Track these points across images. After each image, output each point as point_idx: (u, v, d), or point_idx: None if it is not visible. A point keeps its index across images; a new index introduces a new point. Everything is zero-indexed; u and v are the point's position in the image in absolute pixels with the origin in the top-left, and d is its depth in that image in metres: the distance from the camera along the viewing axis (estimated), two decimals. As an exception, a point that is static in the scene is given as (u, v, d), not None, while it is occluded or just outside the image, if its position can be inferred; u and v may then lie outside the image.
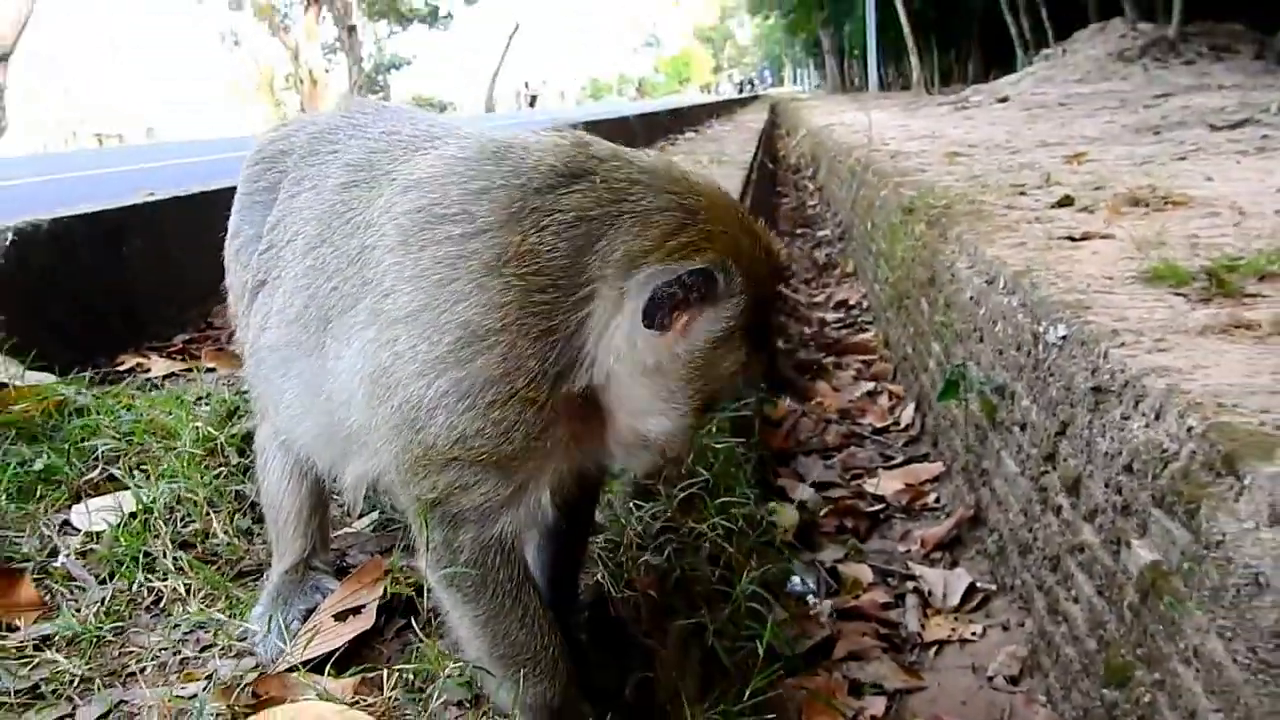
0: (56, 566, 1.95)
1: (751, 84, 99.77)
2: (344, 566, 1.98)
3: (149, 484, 2.16)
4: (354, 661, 1.63)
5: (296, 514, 1.86)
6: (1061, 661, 3.16)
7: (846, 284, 9.42)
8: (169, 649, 1.70)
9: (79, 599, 1.86)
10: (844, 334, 7.71)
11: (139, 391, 2.91)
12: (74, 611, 1.79)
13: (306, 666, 1.58)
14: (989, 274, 4.72)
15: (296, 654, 1.61)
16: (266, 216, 1.75)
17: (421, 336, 1.36)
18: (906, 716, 3.20)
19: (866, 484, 4.85)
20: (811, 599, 3.79)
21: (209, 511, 2.08)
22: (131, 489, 2.16)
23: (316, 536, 1.90)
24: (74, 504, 2.20)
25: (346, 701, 1.50)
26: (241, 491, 2.14)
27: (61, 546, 2.03)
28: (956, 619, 3.65)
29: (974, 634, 3.54)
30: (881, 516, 4.59)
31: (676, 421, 1.43)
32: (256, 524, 2.04)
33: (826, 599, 3.76)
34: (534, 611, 1.47)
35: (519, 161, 1.42)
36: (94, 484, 2.31)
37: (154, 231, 3.97)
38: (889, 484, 4.81)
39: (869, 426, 5.69)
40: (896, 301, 6.97)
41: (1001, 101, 17.68)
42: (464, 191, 1.41)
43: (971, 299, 4.90)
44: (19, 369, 2.85)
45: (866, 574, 4.01)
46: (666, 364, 1.38)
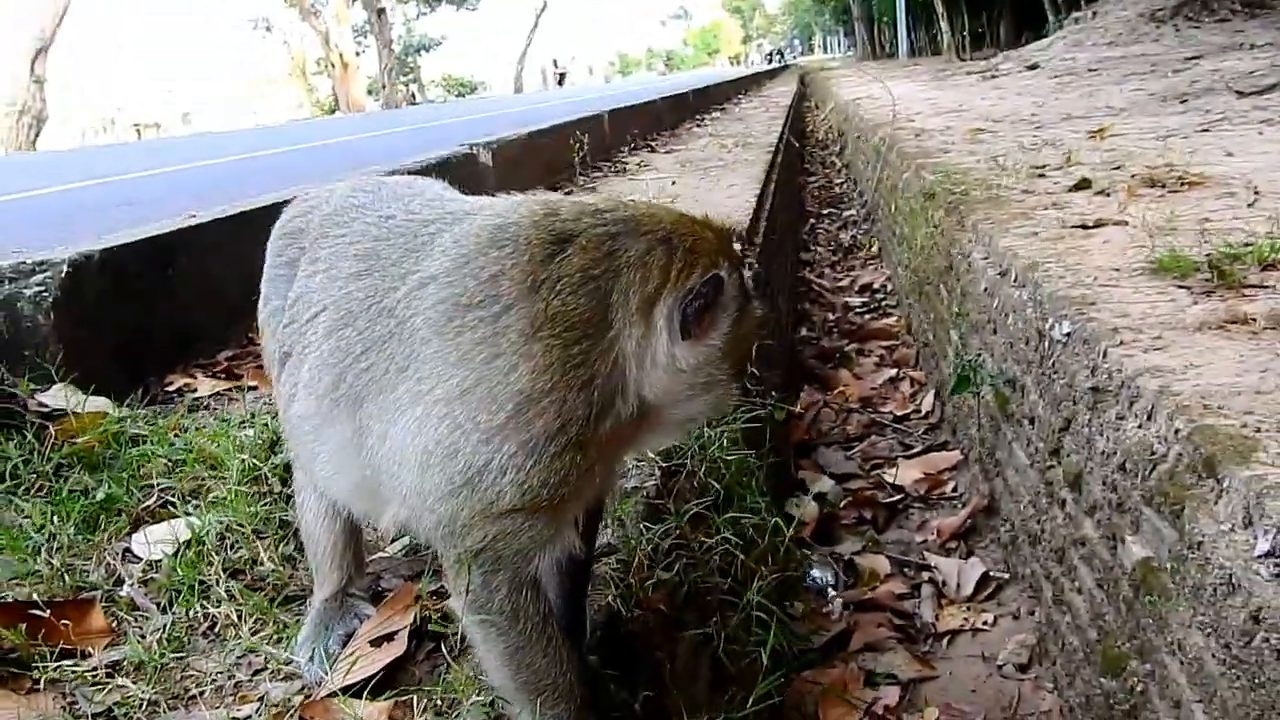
0: (122, 595, 2.16)
1: (781, 54, 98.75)
2: (379, 591, 2.16)
3: (200, 513, 2.36)
4: (389, 685, 1.81)
5: (332, 548, 2.06)
6: (1066, 650, 3.29)
7: (871, 266, 9.48)
8: (224, 673, 1.89)
9: (143, 626, 2.06)
10: (867, 319, 7.80)
11: (189, 414, 3.12)
12: (139, 638, 1.99)
13: (347, 692, 1.76)
14: (1002, 266, 4.81)
15: (337, 680, 1.80)
16: (289, 290, 1.95)
17: (480, 408, 1.56)
18: (919, 705, 3.34)
19: (886, 474, 4.98)
20: (830, 592, 3.94)
21: (255, 539, 2.28)
22: (184, 518, 2.36)
23: (352, 566, 2.09)
24: (134, 532, 2.41)
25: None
26: (285, 519, 2.33)
27: (125, 575, 2.24)
28: (969, 609, 3.79)
29: (985, 623, 3.68)
30: (900, 506, 4.72)
31: (725, 391, 1.71)
32: (298, 551, 2.22)
33: (845, 593, 3.90)
34: (555, 640, 1.66)
35: (514, 242, 1.62)
36: (151, 511, 2.51)
37: (198, 252, 4.17)
38: (908, 473, 4.93)
39: (890, 415, 5.81)
40: (918, 287, 7.05)
41: (1031, 69, 17.49)
42: (479, 281, 1.61)
43: (986, 290, 5.00)
44: (80, 397, 3.07)
45: (884, 565, 4.15)
46: (704, 358, 1.64)
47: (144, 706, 1.81)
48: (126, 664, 1.93)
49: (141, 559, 2.30)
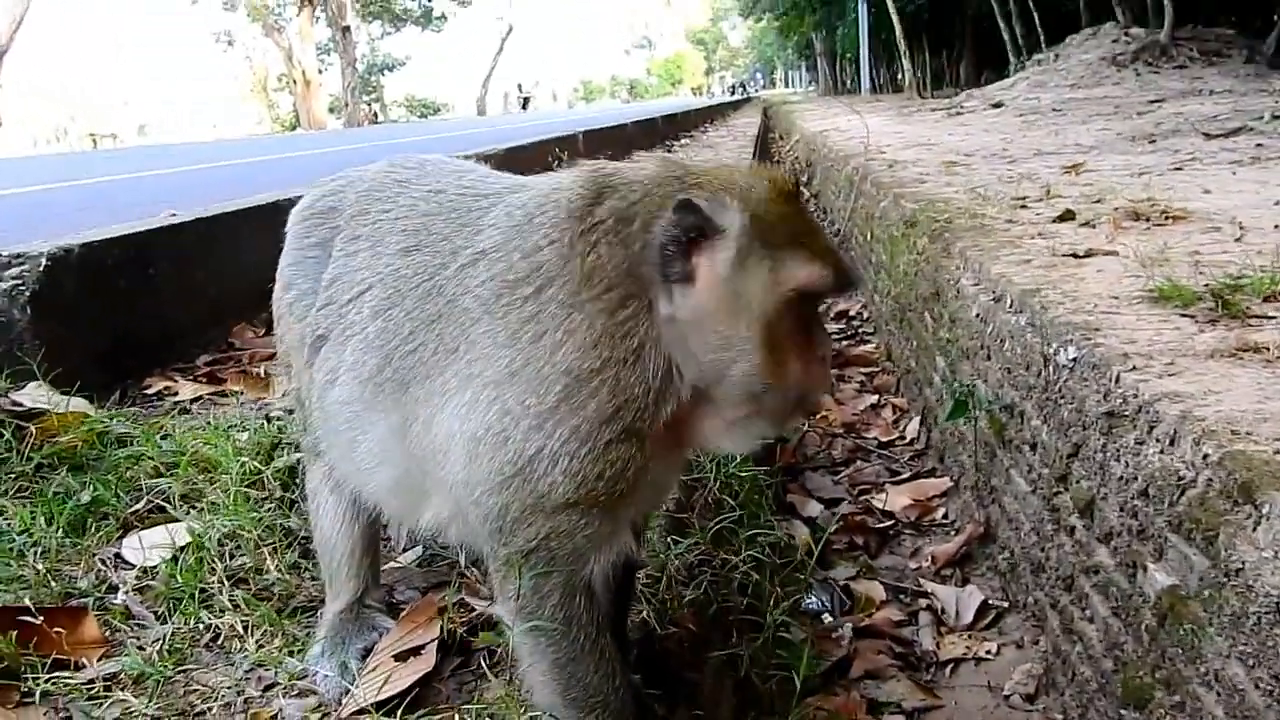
0: (115, 603, 2.00)
1: (744, 86, 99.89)
2: (393, 603, 2.03)
3: (199, 518, 2.21)
4: (416, 704, 1.68)
5: (350, 554, 1.92)
6: (1078, 680, 3.22)
7: (846, 294, 9.48)
8: (232, 688, 1.75)
9: (140, 636, 1.91)
10: (845, 345, 7.76)
11: (175, 418, 2.96)
12: (138, 649, 1.84)
13: (380, 710, 1.63)
14: (995, 292, 4.78)
15: (367, 695, 1.66)
16: (321, 272, 1.83)
17: (529, 391, 1.44)
18: (925, 735, 3.25)
19: (875, 499, 4.91)
20: (827, 617, 3.85)
21: (259, 546, 2.13)
22: (185, 523, 2.21)
23: (369, 575, 1.96)
24: (123, 536, 2.25)
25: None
26: (288, 527, 2.19)
27: (117, 581, 2.08)
28: (971, 637, 3.71)
29: (989, 652, 3.60)
30: (891, 532, 4.65)
31: (752, 367, 1.49)
32: (304, 559, 2.09)
33: (843, 618, 3.81)
34: (608, 654, 1.53)
35: (557, 205, 1.52)
36: (140, 516, 2.36)
37: (178, 253, 4.01)
38: (897, 500, 4.87)
39: (874, 441, 5.75)
40: (899, 315, 7.03)
41: (995, 107, 17.79)
42: (524, 253, 1.50)
43: (978, 316, 4.97)
44: (58, 396, 2.90)
45: (879, 591, 4.07)
46: (705, 307, 1.47)
47: (148, 723, 1.66)
48: (124, 676, 1.78)
49: (134, 565, 2.14)
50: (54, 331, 3.25)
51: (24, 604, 1.90)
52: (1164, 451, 2.83)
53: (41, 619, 1.83)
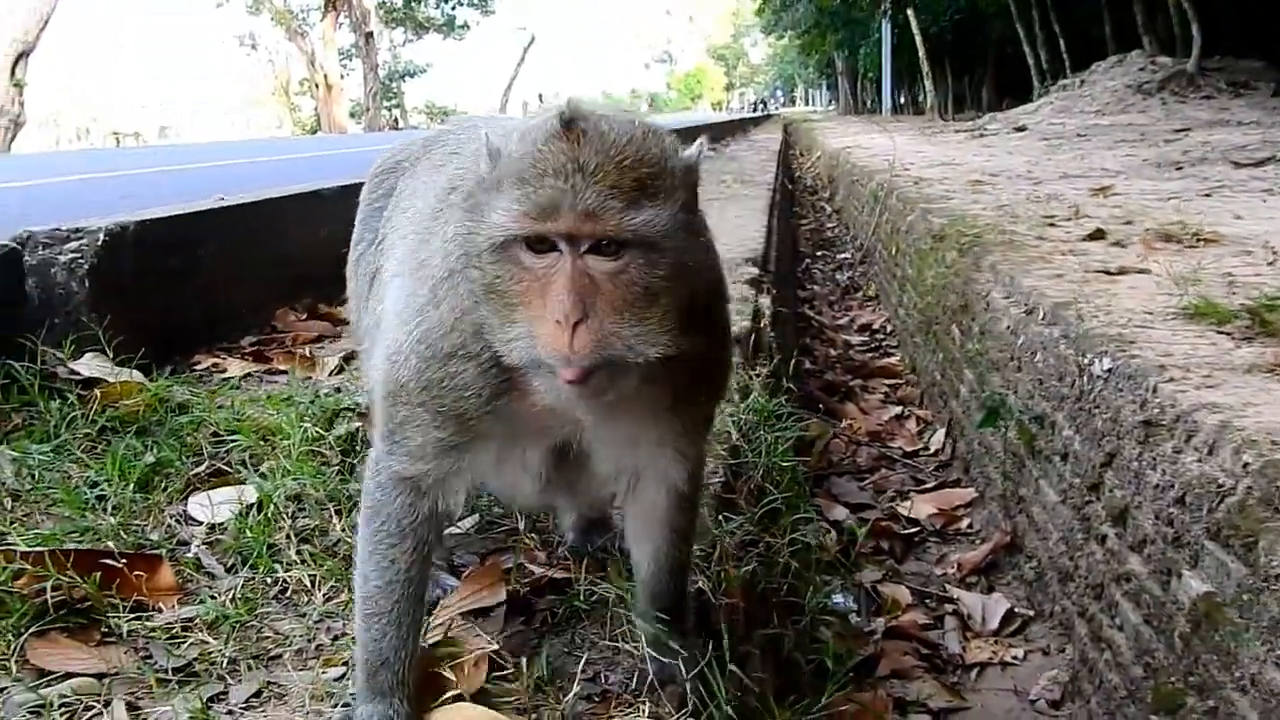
0: (186, 556, 2.05)
1: (764, 103, 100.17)
2: (453, 564, 2.08)
3: (270, 479, 2.27)
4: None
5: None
6: (1105, 687, 3.25)
7: (869, 307, 9.52)
8: (304, 635, 1.80)
9: (211, 586, 1.96)
10: (869, 357, 7.81)
11: (230, 390, 3.03)
12: (211, 597, 1.89)
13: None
14: (1028, 304, 4.83)
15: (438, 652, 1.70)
16: (378, 224, 1.98)
17: (419, 283, 1.59)
18: (951, 735, 3.28)
19: (900, 507, 4.94)
20: (853, 617, 3.88)
21: (323, 507, 2.19)
22: (253, 483, 2.27)
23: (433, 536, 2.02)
24: (187, 496, 2.31)
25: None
26: (350, 491, 2.24)
27: (186, 536, 2.14)
28: (997, 642, 3.74)
29: (1015, 658, 3.63)
30: (916, 539, 4.68)
31: (482, 315, 1.43)
32: (367, 523, 2.14)
33: (872, 618, 3.84)
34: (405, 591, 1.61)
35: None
36: (201, 478, 2.42)
37: (226, 235, 4.08)
38: (922, 507, 4.90)
39: (899, 450, 5.79)
40: (925, 327, 7.08)
41: (1019, 130, 17.83)
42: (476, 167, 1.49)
43: (1008, 328, 5.01)
44: (115, 367, 2.97)
45: (905, 595, 4.10)
46: (458, 254, 1.55)
47: (224, 663, 1.71)
48: (199, 621, 1.83)
49: (202, 521, 2.20)
50: (109, 305, 3.31)
51: (107, 547, 1.96)
52: (1202, 460, 2.87)
53: (123, 562, 1.89)
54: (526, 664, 1.67)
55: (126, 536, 2.10)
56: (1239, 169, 9.42)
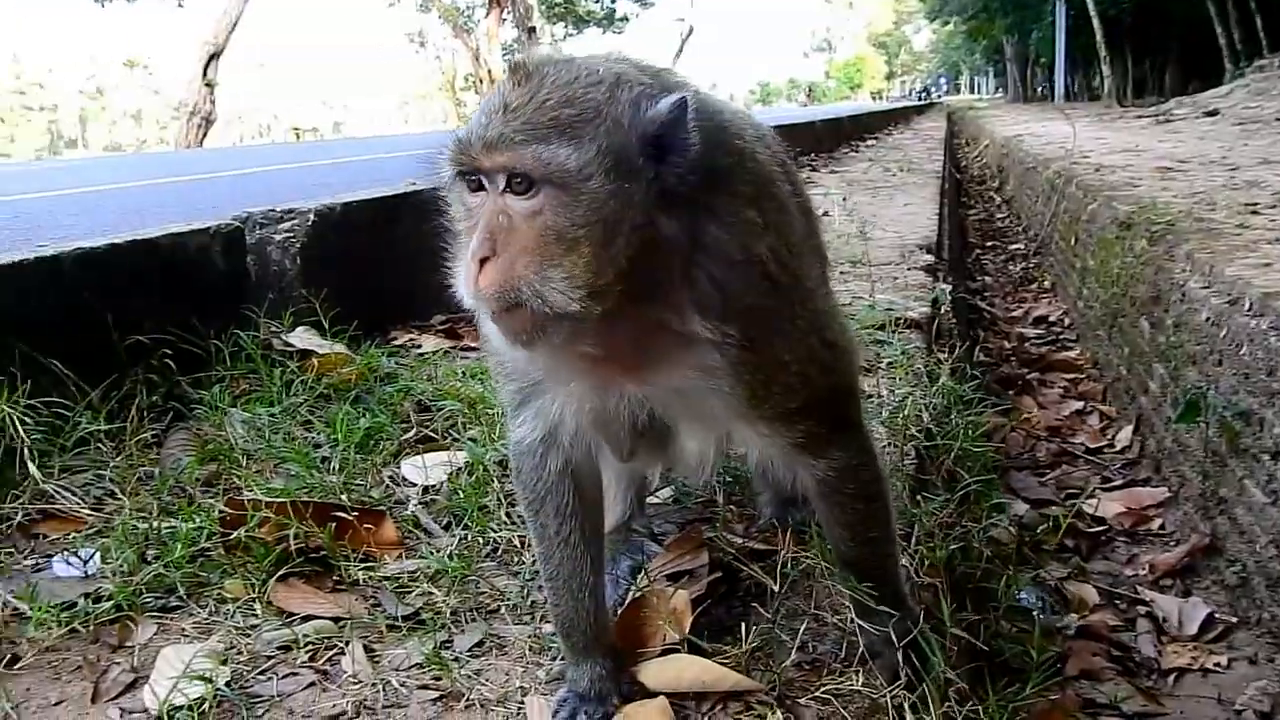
0: (405, 514, 2.18)
1: (928, 91, 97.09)
2: (654, 532, 2.13)
3: (483, 444, 2.38)
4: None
5: (615, 482, 2.03)
6: (1322, 699, 3.04)
7: (1045, 299, 9.14)
8: (518, 592, 1.88)
9: (430, 543, 2.08)
10: (1046, 350, 7.50)
11: (432, 362, 3.18)
12: (431, 552, 2.01)
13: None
14: (1231, 295, 4.54)
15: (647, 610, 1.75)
16: None
17: None
18: (1147, 740, 3.14)
19: (1085, 504, 4.74)
20: (1038, 615, 3.75)
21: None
22: (466, 448, 2.38)
23: (634, 503, 2.07)
24: (398, 458, 2.45)
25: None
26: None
27: (402, 496, 2.27)
28: (1196, 648, 3.54)
29: (1217, 665, 3.44)
30: (1103, 538, 4.49)
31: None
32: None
33: (1056, 615, 3.71)
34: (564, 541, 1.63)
35: None
36: (410, 443, 2.56)
37: (420, 217, 4.26)
38: (1109, 506, 4.70)
39: (1081, 446, 5.55)
40: (1109, 320, 6.74)
41: (1209, 115, 16.74)
42: None
43: (1208, 320, 4.72)
44: (325, 340, 3.16)
45: (1092, 594, 3.94)
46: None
47: (447, 613, 1.81)
48: (421, 574, 1.93)
49: (416, 483, 2.32)
50: (318, 281, 3.53)
51: (340, 500, 2.10)
52: None
53: (355, 514, 2.02)
54: (744, 630, 1.68)
55: (350, 494, 2.24)
56: None
